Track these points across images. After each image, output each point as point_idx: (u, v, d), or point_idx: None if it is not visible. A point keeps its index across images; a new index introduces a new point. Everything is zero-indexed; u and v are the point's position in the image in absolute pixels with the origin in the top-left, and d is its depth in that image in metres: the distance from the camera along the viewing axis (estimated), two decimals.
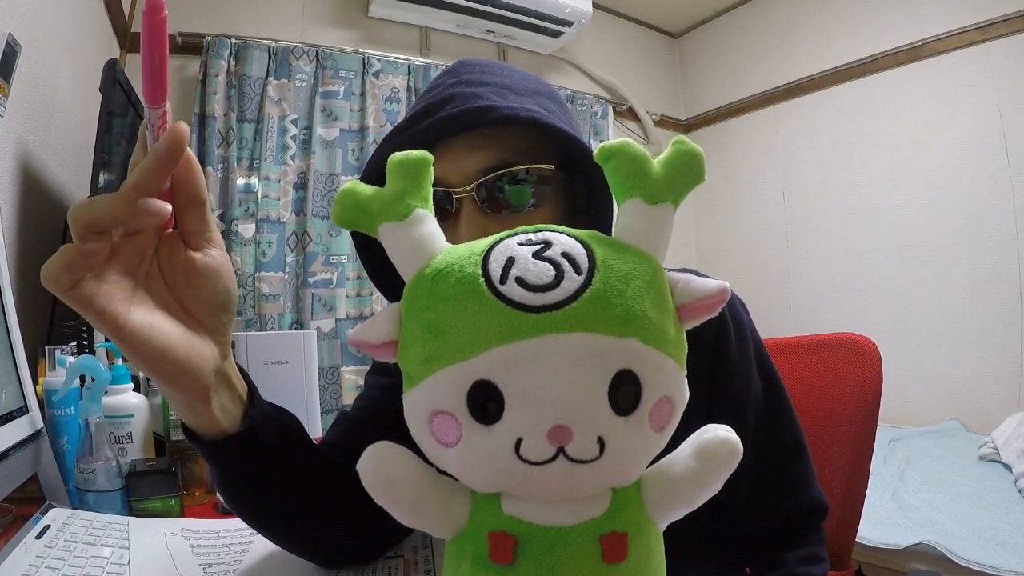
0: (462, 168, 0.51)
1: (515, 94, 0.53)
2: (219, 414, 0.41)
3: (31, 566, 0.49)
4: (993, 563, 1.19)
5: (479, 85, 0.53)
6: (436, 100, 0.52)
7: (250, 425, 0.42)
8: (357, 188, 0.32)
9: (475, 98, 0.51)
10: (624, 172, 0.31)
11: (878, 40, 2.47)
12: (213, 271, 0.37)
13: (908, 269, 2.39)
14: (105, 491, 0.68)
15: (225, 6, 2.17)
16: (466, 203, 0.51)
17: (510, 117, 0.49)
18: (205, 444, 0.42)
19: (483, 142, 0.51)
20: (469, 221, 0.51)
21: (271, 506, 0.48)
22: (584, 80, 2.95)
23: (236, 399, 0.42)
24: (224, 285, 0.38)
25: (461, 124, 0.50)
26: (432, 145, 0.50)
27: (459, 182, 0.51)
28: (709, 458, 0.31)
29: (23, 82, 1.05)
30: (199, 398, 0.39)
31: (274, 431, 0.45)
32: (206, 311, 0.37)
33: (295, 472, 0.47)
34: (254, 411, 0.43)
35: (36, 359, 0.89)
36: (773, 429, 0.58)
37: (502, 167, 0.51)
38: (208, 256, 0.36)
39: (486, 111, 0.49)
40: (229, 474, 0.45)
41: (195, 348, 0.37)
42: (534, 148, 0.52)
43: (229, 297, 0.38)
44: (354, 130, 2.26)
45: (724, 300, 0.31)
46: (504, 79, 0.54)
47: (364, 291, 2.21)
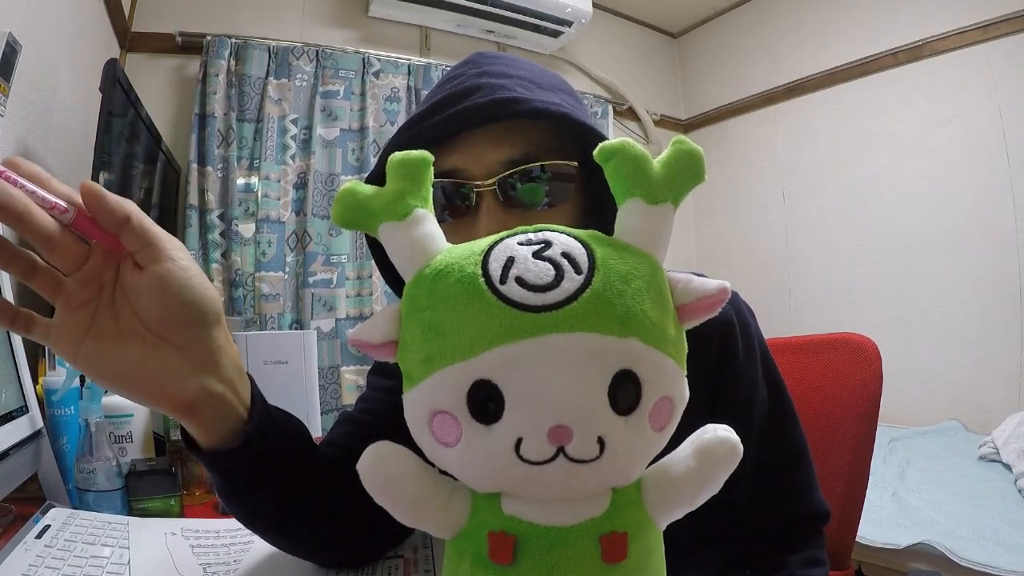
0: (484, 160, 0.50)
1: (540, 88, 0.52)
2: (208, 428, 0.39)
3: (31, 566, 0.49)
4: (993, 563, 1.19)
5: (504, 77, 0.51)
6: (459, 89, 0.51)
7: (244, 441, 0.41)
8: (357, 188, 0.32)
9: (503, 89, 0.49)
10: (624, 172, 0.31)
11: (878, 40, 2.46)
12: (158, 289, 0.34)
13: (908, 269, 2.39)
14: (105, 491, 0.68)
15: (225, 6, 2.17)
16: (487, 196, 0.50)
17: (541, 111, 0.48)
18: (201, 454, 0.41)
19: (507, 135, 0.50)
20: (489, 215, 0.49)
21: (268, 513, 0.47)
22: (584, 80, 2.94)
23: (230, 413, 0.40)
24: (180, 297, 0.35)
25: (489, 115, 0.48)
26: (455, 135, 0.50)
27: (480, 175, 0.50)
28: (709, 457, 0.31)
29: (23, 82, 1.05)
30: (179, 414, 0.38)
31: (274, 444, 0.43)
32: (169, 327, 0.36)
33: (294, 483, 0.46)
34: (251, 427, 0.41)
35: (36, 359, 0.89)
36: (777, 436, 0.58)
37: (526, 161, 0.50)
38: (151, 274, 0.34)
39: (516, 102, 0.48)
40: (226, 484, 0.44)
41: (162, 372, 0.36)
42: (556, 144, 0.52)
43: (191, 310, 0.36)
44: (354, 130, 2.26)
45: (724, 300, 0.31)
46: (527, 73, 0.53)
47: (364, 291, 2.21)
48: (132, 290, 0.35)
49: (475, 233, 0.48)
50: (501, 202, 0.50)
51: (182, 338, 0.36)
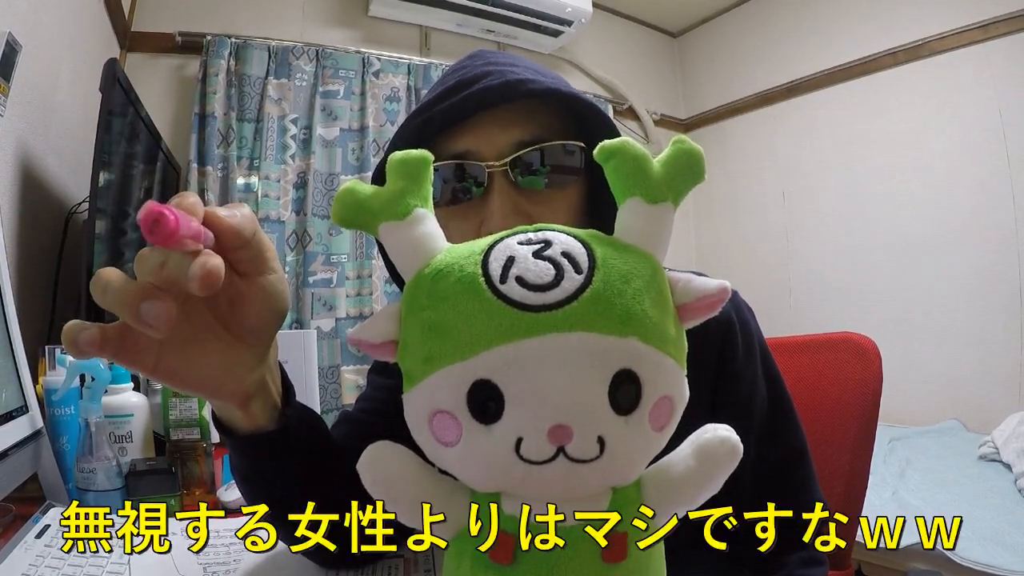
0: (496, 142, 0.51)
1: (544, 77, 0.53)
2: (255, 414, 0.41)
3: (31, 566, 0.49)
4: (993, 563, 1.19)
5: (509, 65, 0.53)
6: (468, 76, 0.52)
7: (284, 424, 0.43)
8: (357, 187, 0.32)
9: (512, 73, 0.51)
10: (624, 171, 0.31)
11: (878, 40, 2.46)
12: (260, 299, 0.35)
13: (908, 268, 2.39)
14: (105, 490, 0.68)
15: (225, 6, 2.17)
16: (498, 177, 0.51)
17: (552, 90, 0.50)
18: (237, 438, 0.42)
19: (518, 117, 0.51)
20: (502, 195, 0.50)
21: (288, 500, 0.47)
22: (584, 79, 2.94)
23: (271, 399, 0.42)
24: (272, 309, 0.36)
25: (501, 95, 0.50)
26: (467, 118, 0.51)
27: (492, 156, 0.51)
28: (709, 457, 0.31)
29: (23, 82, 1.05)
30: (237, 405, 0.40)
31: (304, 431, 0.45)
32: (250, 331, 0.37)
33: (316, 472, 0.47)
34: (289, 410, 0.43)
35: (36, 358, 0.89)
36: (777, 436, 0.58)
37: (537, 142, 0.51)
38: (256, 284, 0.35)
39: (529, 82, 0.50)
40: (255, 467, 0.45)
41: (232, 369, 0.37)
42: (564, 128, 0.53)
43: (276, 319, 0.37)
44: (354, 130, 2.26)
45: (724, 299, 0.31)
46: (530, 64, 0.56)
47: (364, 291, 2.21)
48: (225, 296, 0.35)
49: (487, 213, 0.50)
50: (513, 182, 0.51)
51: (259, 339, 0.38)
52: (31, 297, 1.14)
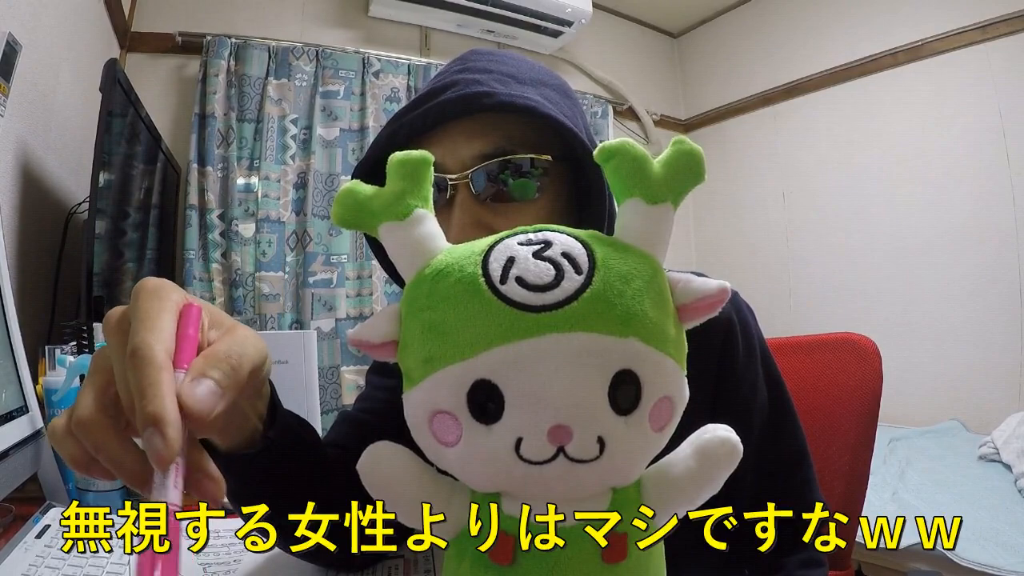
0: (459, 154, 0.51)
1: (519, 83, 0.52)
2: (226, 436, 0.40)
3: (31, 566, 0.49)
4: (993, 563, 1.19)
5: (482, 72, 0.52)
6: (439, 85, 0.52)
7: (266, 446, 0.42)
8: (357, 188, 0.32)
9: (475, 84, 0.50)
10: (624, 172, 0.31)
11: (878, 40, 2.46)
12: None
13: (908, 269, 2.39)
14: (105, 490, 0.69)
15: (225, 6, 2.17)
16: (461, 189, 0.51)
17: (507, 104, 0.49)
18: (219, 456, 0.41)
19: (482, 129, 0.51)
20: (462, 207, 0.50)
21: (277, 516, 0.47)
22: (584, 80, 2.94)
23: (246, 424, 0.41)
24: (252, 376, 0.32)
25: (459, 109, 0.49)
26: (431, 129, 0.50)
27: (455, 168, 0.51)
28: (709, 458, 0.31)
29: (23, 82, 1.05)
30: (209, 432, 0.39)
31: (290, 448, 0.44)
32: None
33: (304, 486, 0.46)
34: (273, 432, 0.42)
35: (36, 359, 0.89)
36: (777, 437, 0.58)
37: (499, 155, 0.50)
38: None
39: (483, 96, 0.49)
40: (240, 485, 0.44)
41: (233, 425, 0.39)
42: (534, 138, 0.52)
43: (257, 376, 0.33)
44: (354, 130, 2.26)
45: (724, 300, 0.31)
46: (510, 68, 0.54)
47: (364, 291, 2.21)
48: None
49: (449, 227, 0.49)
50: (474, 195, 0.50)
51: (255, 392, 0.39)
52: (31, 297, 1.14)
